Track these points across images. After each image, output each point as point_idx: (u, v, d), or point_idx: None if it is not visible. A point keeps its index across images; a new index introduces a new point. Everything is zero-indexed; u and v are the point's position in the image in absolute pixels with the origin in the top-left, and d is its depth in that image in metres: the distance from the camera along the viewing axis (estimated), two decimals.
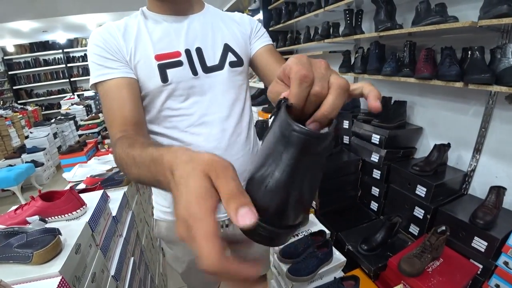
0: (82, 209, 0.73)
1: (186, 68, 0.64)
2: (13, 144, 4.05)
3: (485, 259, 1.15)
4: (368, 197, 1.75)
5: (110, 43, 0.59)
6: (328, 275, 1.35)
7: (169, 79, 0.63)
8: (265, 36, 0.76)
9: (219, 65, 0.67)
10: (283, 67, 0.28)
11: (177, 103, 0.66)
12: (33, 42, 6.43)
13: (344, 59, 1.88)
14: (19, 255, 0.52)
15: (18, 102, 6.50)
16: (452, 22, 1.16)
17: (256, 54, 0.74)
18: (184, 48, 0.64)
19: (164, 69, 0.62)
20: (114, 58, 0.59)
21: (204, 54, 0.66)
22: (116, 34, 0.61)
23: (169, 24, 0.66)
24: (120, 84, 0.58)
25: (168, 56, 0.63)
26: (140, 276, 1.07)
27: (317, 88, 0.26)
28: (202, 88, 0.66)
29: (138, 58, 0.61)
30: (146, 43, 0.62)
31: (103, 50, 0.59)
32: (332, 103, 0.26)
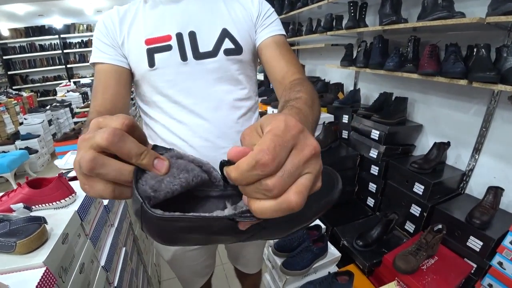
0: (71, 197, 0.71)
1: (175, 53, 0.61)
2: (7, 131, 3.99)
3: (479, 258, 1.14)
4: (365, 193, 1.74)
5: (108, 28, 0.62)
6: (323, 269, 1.35)
7: (156, 64, 0.60)
8: (274, 25, 0.67)
9: (212, 51, 0.62)
10: (261, 122, 0.23)
11: (165, 89, 0.63)
12: (28, 27, 6.27)
13: (346, 53, 1.85)
14: (1, 244, 0.49)
15: (13, 87, 6.38)
16: (459, 18, 1.13)
17: (261, 46, 0.67)
18: (176, 32, 0.61)
19: (152, 53, 0.60)
20: (109, 43, 0.61)
21: (198, 39, 0.62)
22: (115, 19, 0.62)
23: (164, 6, 0.63)
24: (109, 70, 0.61)
25: (158, 40, 0.60)
26: (132, 266, 1.05)
27: (270, 184, 0.20)
28: (191, 75, 0.62)
29: (130, 42, 0.61)
30: (139, 27, 0.61)
31: (102, 34, 0.61)
32: (276, 209, 0.20)
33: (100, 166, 0.23)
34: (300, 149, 0.21)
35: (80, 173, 0.24)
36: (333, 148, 1.78)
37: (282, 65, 0.63)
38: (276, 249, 1.36)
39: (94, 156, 0.23)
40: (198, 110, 0.64)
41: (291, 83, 0.55)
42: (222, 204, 0.31)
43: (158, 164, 0.25)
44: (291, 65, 0.62)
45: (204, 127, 0.65)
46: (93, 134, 0.24)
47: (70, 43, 6.63)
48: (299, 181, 0.21)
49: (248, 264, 1.11)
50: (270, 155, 0.19)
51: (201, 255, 0.90)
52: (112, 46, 0.61)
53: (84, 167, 0.23)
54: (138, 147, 0.25)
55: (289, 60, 0.63)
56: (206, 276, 1.04)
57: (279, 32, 0.67)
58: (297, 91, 0.47)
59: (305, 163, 0.21)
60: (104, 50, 0.61)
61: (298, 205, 0.20)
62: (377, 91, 1.78)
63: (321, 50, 2.45)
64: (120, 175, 0.24)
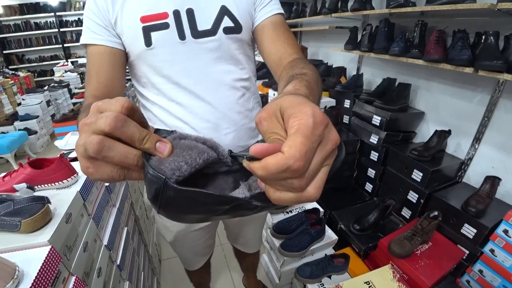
0: (73, 177, 0.71)
1: (173, 31, 0.58)
2: (5, 111, 3.95)
3: (472, 245, 1.18)
4: (364, 178, 1.76)
5: (99, 7, 0.58)
6: (319, 251, 1.39)
7: (153, 43, 0.58)
8: (273, 3, 0.65)
9: (211, 30, 0.60)
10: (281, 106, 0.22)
11: (164, 69, 0.61)
12: (22, 4, 6.06)
13: (351, 36, 1.80)
14: (6, 223, 0.50)
15: (9, 67, 6.25)
16: (469, 3, 1.09)
17: (258, 27, 0.65)
18: (173, 9, 0.58)
19: (148, 32, 0.57)
20: (101, 23, 0.58)
21: (196, 17, 0.59)
22: None
23: None
24: (102, 51, 0.58)
25: (154, 17, 0.57)
26: (133, 245, 1.08)
27: (296, 184, 0.21)
28: (189, 55, 0.60)
29: (124, 20, 0.58)
30: (133, 4, 0.58)
31: (92, 13, 0.58)
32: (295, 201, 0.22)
33: (107, 149, 0.23)
34: (324, 145, 0.21)
35: (85, 156, 0.25)
36: None
37: (278, 47, 0.61)
38: (274, 231, 1.39)
39: (101, 139, 0.23)
40: (198, 91, 0.63)
41: (291, 62, 0.54)
42: (231, 179, 0.32)
43: (161, 147, 0.26)
44: (288, 46, 0.61)
45: (204, 108, 0.64)
46: (94, 118, 0.24)
47: (66, 21, 6.43)
48: (319, 176, 0.22)
49: (247, 244, 1.14)
50: (302, 162, 0.19)
51: (202, 236, 0.92)
52: (104, 26, 0.58)
53: (91, 150, 0.23)
54: (140, 131, 0.25)
55: (285, 41, 0.62)
56: (207, 255, 1.07)
57: (276, 11, 0.64)
58: (301, 68, 0.46)
59: (326, 158, 0.22)
60: (96, 30, 0.58)
61: (316, 197, 0.22)
62: (380, 76, 1.75)
63: (324, 33, 2.39)
64: (125, 159, 0.25)
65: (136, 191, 1.34)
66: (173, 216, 0.28)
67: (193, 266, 1.07)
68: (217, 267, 1.62)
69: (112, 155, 0.24)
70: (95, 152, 0.23)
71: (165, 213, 0.27)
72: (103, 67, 0.58)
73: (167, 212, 0.27)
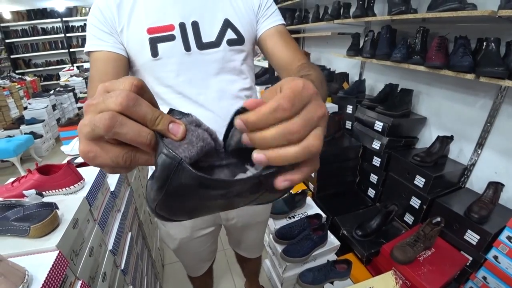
0: (80, 183, 0.73)
1: (179, 42, 0.60)
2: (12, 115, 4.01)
3: (475, 252, 1.17)
4: (366, 184, 1.76)
5: (105, 14, 0.59)
6: (322, 257, 1.39)
7: (159, 54, 0.60)
8: (275, 15, 0.69)
9: (215, 42, 0.62)
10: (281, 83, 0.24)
11: (169, 79, 0.63)
12: (30, 9, 6.17)
13: (353, 42, 1.81)
14: (16, 228, 0.51)
15: (16, 72, 6.36)
16: (470, 10, 1.10)
17: (263, 36, 0.69)
18: (179, 22, 0.60)
19: (155, 43, 0.59)
20: (107, 30, 0.59)
21: (201, 29, 0.61)
22: (112, 5, 0.59)
23: None
24: (107, 57, 0.59)
25: (161, 29, 0.59)
26: (137, 250, 1.09)
27: (293, 127, 0.21)
28: (195, 66, 0.62)
29: (131, 30, 0.60)
30: (140, 15, 0.60)
31: (98, 21, 0.59)
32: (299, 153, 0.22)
33: (119, 125, 0.21)
34: (315, 104, 0.23)
35: (89, 137, 0.22)
36: (336, 138, 1.78)
37: (288, 53, 0.66)
38: (277, 237, 1.39)
39: (114, 114, 0.21)
40: (202, 101, 0.65)
41: (299, 66, 0.58)
42: (223, 172, 0.31)
43: (174, 128, 0.24)
44: (297, 53, 0.66)
45: (208, 117, 0.66)
46: (102, 98, 0.22)
47: (72, 27, 6.55)
48: (315, 130, 0.23)
49: (249, 249, 1.15)
50: (289, 102, 0.21)
51: (205, 242, 0.93)
52: (110, 33, 0.59)
53: (102, 126, 0.21)
54: (152, 111, 0.23)
55: (293, 48, 0.67)
56: (210, 261, 1.08)
57: (280, 21, 0.69)
58: (307, 70, 0.51)
59: (318, 118, 0.23)
60: (102, 37, 0.59)
61: (318, 148, 0.23)
62: (383, 81, 1.76)
63: (327, 39, 2.41)
64: (138, 136, 0.22)
65: (140, 196, 1.35)
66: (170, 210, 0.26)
67: (197, 272, 1.08)
68: (220, 272, 1.63)
69: (125, 131, 0.22)
70: (106, 128, 0.21)
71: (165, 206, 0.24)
72: (108, 73, 0.58)
73: (167, 204, 0.24)
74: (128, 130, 0.22)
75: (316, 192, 1.77)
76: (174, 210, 0.26)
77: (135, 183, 1.27)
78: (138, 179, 1.39)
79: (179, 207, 0.26)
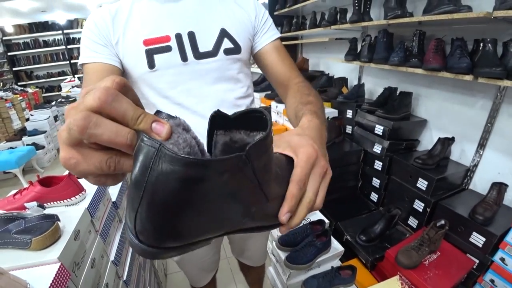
0: (81, 194, 0.73)
1: (175, 53, 0.60)
2: (14, 127, 4.04)
3: (481, 254, 1.15)
4: (369, 188, 1.75)
5: (99, 27, 0.59)
6: (326, 264, 1.37)
7: (156, 65, 0.60)
8: (272, 29, 0.70)
9: (212, 51, 0.62)
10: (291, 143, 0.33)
11: (166, 90, 0.63)
12: (32, 23, 6.28)
13: (351, 47, 1.83)
14: (17, 241, 0.51)
15: (18, 84, 6.43)
16: (465, 12, 1.11)
17: (261, 51, 0.70)
18: (175, 32, 0.60)
19: (151, 54, 0.59)
20: (101, 42, 0.59)
21: (197, 39, 0.61)
22: (107, 18, 0.59)
23: (161, 5, 0.61)
24: (101, 68, 0.58)
25: (157, 41, 0.59)
26: (139, 261, 1.08)
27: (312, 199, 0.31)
28: (192, 76, 0.62)
29: (126, 42, 0.60)
30: (136, 27, 0.60)
31: (93, 33, 0.59)
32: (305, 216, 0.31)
33: (94, 125, 0.19)
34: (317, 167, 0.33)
35: (68, 143, 0.21)
36: (337, 143, 1.78)
37: (284, 69, 0.67)
38: (280, 244, 1.38)
39: (87, 114, 0.19)
40: (201, 110, 0.65)
41: (297, 86, 0.60)
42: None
43: (157, 127, 0.21)
44: (292, 69, 0.68)
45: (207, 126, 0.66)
46: (82, 100, 0.21)
47: (73, 39, 6.65)
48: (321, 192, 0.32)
49: (252, 257, 1.13)
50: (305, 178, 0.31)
51: (208, 252, 0.92)
52: (104, 45, 0.59)
53: (75, 128, 0.19)
54: (134, 108, 0.21)
55: (288, 64, 0.68)
56: (213, 271, 1.07)
57: (276, 36, 0.71)
58: (307, 95, 0.53)
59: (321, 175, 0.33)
60: (96, 49, 0.58)
61: (321, 206, 0.32)
62: (382, 85, 1.77)
63: (325, 44, 2.43)
64: (116, 136, 0.20)
65: None
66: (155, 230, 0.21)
67: (200, 282, 1.06)
68: (223, 281, 1.61)
69: (101, 132, 0.19)
70: (80, 130, 0.19)
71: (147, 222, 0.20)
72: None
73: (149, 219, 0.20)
74: (104, 130, 0.20)
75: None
76: (159, 229, 0.21)
77: None
78: None
79: (165, 221, 0.20)
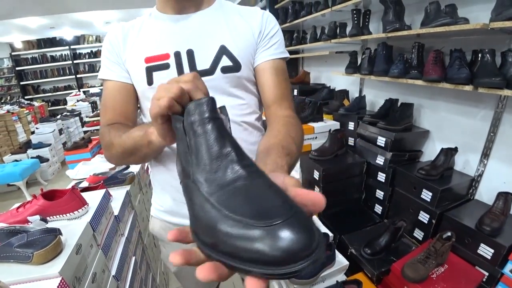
0: (84, 208, 0.73)
1: (173, 71, 0.61)
2: (19, 139, 4.10)
3: (491, 266, 1.12)
4: (373, 200, 1.73)
5: (113, 46, 0.64)
6: (330, 278, 1.34)
7: (154, 82, 0.62)
8: (276, 47, 0.65)
9: (209, 69, 0.62)
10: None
11: None
12: (40, 39, 6.49)
13: (351, 60, 1.86)
14: (19, 254, 0.51)
15: (25, 97, 6.57)
16: (462, 24, 1.13)
17: (258, 68, 0.66)
18: (174, 50, 0.61)
19: (150, 71, 0.61)
20: (115, 60, 0.64)
21: (196, 57, 0.62)
22: (119, 37, 0.64)
23: (165, 24, 0.63)
24: (116, 87, 0.64)
25: (156, 58, 0.61)
26: (141, 275, 1.07)
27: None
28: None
29: (131, 60, 0.63)
30: (140, 45, 0.63)
31: (108, 52, 0.65)
32: None
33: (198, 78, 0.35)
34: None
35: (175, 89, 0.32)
36: (340, 155, 1.78)
37: (276, 94, 0.64)
38: None
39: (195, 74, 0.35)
40: None
41: (285, 120, 0.57)
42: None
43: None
44: (285, 98, 0.65)
45: None
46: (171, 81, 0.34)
47: (80, 54, 6.83)
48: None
49: None
50: None
51: None
52: (117, 63, 0.64)
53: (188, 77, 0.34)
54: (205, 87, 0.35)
55: (284, 90, 0.65)
56: (213, 286, 1.05)
57: (280, 55, 0.65)
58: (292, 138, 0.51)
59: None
60: (111, 67, 0.64)
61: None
62: (383, 97, 1.78)
63: (326, 57, 2.47)
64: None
65: (144, 220, 1.34)
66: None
67: None
68: None
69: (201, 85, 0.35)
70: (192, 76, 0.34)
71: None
72: (117, 101, 0.64)
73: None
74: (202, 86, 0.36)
75: (322, 210, 1.73)
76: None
77: (139, 207, 1.27)
78: (142, 203, 1.38)
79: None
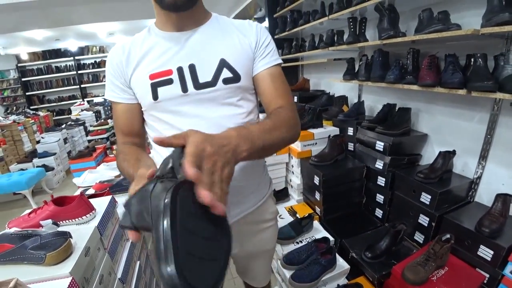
0: (92, 213, 0.76)
1: (176, 85, 0.66)
2: (25, 149, 4.17)
3: (491, 268, 1.13)
4: (373, 204, 1.74)
5: (116, 67, 0.69)
6: (332, 282, 1.35)
7: (159, 97, 0.66)
8: (271, 55, 0.71)
9: (211, 81, 0.66)
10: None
11: (168, 119, 0.69)
12: (46, 50, 6.64)
13: (348, 67, 1.90)
14: (33, 256, 0.54)
15: (30, 107, 6.70)
16: (454, 30, 1.17)
17: (257, 77, 0.71)
18: (177, 66, 0.66)
19: (155, 87, 0.66)
20: (119, 83, 0.70)
21: (197, 71, 0.66)
22: (122, 57, 0.68)
23: (167, 42, 0.68)
24: (121, 109, 0.72)
25: (160, 74, 0.66)
26: (145, 280, 1.09)
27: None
28: (192, 105, 0.67)
29: (136, 77, 0.68)
30: (145, 63, 0.67)
31: (111, 74, 0.70)
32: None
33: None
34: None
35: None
36: (340, 160, 1.80)
37: (275, 96, 0.70)
38: (285, 262, 1.37)
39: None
40: None
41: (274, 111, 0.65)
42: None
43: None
44: (284, 97, 0.70)
45: None
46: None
47: (84, 64, 6.97)
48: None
49: (256, 278, 1.13)
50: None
51: None
52: (121, 86, 0.69)
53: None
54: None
55: (282, 92, 0.71)
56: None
57: (274, 62, 0.71)
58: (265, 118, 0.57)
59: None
60: (115, 90, 0.70)
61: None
62: (381, 102, 1.81)
63: (324, 64, 2.51)
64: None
65: None
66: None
67: None
68: None
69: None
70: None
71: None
72: (124, 122, 0.72)
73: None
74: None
75: (323, 215, 1.75)
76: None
77: None
78: None
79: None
